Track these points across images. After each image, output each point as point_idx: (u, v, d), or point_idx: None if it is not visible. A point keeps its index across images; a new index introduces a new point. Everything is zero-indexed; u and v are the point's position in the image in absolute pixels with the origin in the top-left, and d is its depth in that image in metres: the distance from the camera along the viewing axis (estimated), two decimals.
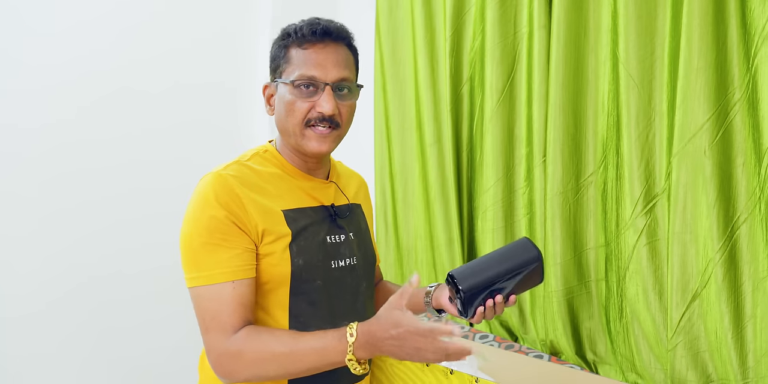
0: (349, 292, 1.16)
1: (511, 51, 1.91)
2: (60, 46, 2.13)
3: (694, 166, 1.48)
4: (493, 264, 1.09)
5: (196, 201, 1.06)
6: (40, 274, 2.11)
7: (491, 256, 1.11)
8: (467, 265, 1.10)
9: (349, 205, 1.23)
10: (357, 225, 1.23)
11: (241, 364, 1.00)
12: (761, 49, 1.38)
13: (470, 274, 1.08)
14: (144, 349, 2.34)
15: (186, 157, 2.42)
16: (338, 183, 1.24)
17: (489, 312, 1.09)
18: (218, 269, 1.02)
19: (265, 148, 1.18)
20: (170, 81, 2.39)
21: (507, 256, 1.10)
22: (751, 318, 1.41)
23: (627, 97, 1.60)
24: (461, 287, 1.06)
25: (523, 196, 1.89)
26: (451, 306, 1.15)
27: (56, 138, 2.13)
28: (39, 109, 2.10)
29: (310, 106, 1.09)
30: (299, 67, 1.09)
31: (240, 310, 1.02)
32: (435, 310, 1.22)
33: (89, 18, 2.19)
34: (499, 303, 1.08)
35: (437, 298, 1.20)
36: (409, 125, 2.21)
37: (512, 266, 1.08)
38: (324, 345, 0.96)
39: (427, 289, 1.23)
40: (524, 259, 1.09)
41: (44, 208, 2.11)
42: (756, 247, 1.41)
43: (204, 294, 1.03)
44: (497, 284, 1.07)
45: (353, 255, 1.17)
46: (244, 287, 1.03)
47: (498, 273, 1.08)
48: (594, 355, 1.74)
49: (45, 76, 2.10)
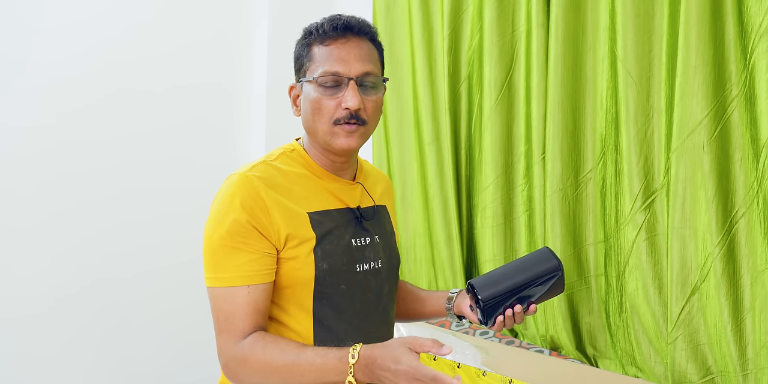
0: (372, 296, 1.15)
1: (510, 49, 1.93)
2: (55, 45, 2.11)
3: (693, 162, 1.50)
4: (513, 274, 1.10)
5: (221, 202, 1.06)
6: (43, 275, 2.10)
7: (511, 266, 1.12)
8: (487, 275, 1.11)
9: (375, 207, 1.22)
10: (382, 227, 1.22)
11: (245, 370, 1.01)
12: (758, 46, 1.41)
13: (490, 284, 1.09)
14: (148, 351, 2.33)
15: (183, 157, 2.42)
16: (365, 183, 1.23)
17: (509, 321, 1.10)
18: (235, 272, 1.03)
19: (293, 147, 1.17)
20: (167, 82, 2.38)
21: (527, 266, 1.11)
22: (749, 311, 1.43)
23: (625, 95, 1.63)
24: (480, 297, 1.07)
25: (522, 193, 1.91)
26: (472, 314, 1.16)
27: (53, 138, 2.11)
28: (35, 109, 2.08)
29: (336, 104, 1.07)
30: (322, 64, 1.08)
31: (252, 314, 1.03)
32: (456, 316, 1.22)
33: (85, 17, 2.18)
34: (519, 312, 1.09)
35: (459, 304, 1.20)
36: (408, 124, 2.22)
37: (531, 276, 1.09)
38: (325, 362, 0.95)
39: (449, 295, 1.23)
40: (544, 269, 1.10)
41: (43, 209, 2.09)
42: (754, 240, 1.43)
43: (220, 295, 1.04)
44: (517, 294, 1.09)
45: (378, 258, 1.17)
46: (259, 292, 1.03)
47: (517, 283, 1.09)
48: (594, 350, 1.76)
49: (42, 75, 2.09)
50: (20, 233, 2.06)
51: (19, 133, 2.05)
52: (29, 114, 2.07)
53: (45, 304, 2.10)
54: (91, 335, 2.20)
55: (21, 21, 2.05)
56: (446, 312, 1.23)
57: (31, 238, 2.08)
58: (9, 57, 2.03)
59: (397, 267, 1.25)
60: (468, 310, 1.17)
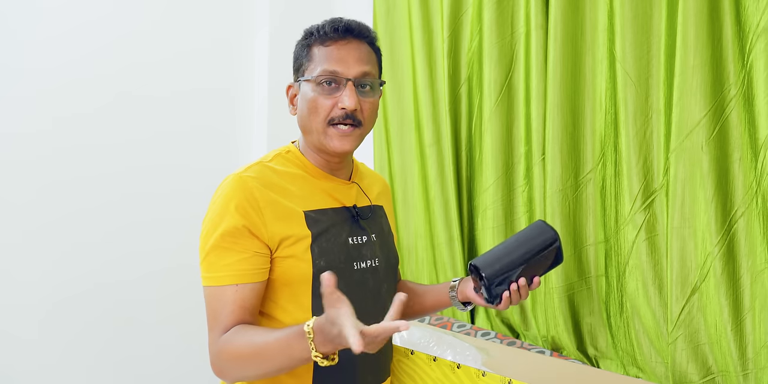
0: (370, 294, 1.16)
1: (509, 51, 1.93)
2: (57, 51, 2.13)
3: (692, 162, 1.50)
4: (512, 249, 1.12)
5: (216, 204, 1.07)
6: (44, 280, 2.11)
7: (509, 242, 1.13)
8: (487, 253, 1.13)
9: (372, 207, 1.23)
10: (379, 226, 1.23)
11: (224, 363, 1.02)
12: (756, 46, 1.41)
13: (492, 261, 1.10)
14: (150, 354, 2.33)
15: (185, 162, 2.43)
16: (361, 184, 1.24)
17: (515, 296, 1.11)
18: (224, 272, 1.04)
19: (288, 149, 1.18)
20: (169, 87, 2.39)
21: (524, 240, 1.12)
22: (749, 310, 1.43)
23: (624, 95, 1.63)
24: (484, 274, 1.08)
25: (523, 194, 1.91)
26: (477, 296, 1.17)
27: (54, 144, 2.13)
28: (36, 115, 2.09)
29: (332, 104, 1.08)
30: (321, 64, 1.09)
31: (238, 312, 1.04)
32: (462, 303, 1.23)
33: (86, 22, 2.19)
34: (523, 286, 1.10)
35: (462, 290, 1.21)
36: (408, 126, 2.23)
37: (531, 248, 1.11)
38: (289, 344, 0.93)
39: (452, 284, 1.24)
40: (542, 240, 1.12)
41: (43, 214, 2.10)
42: (753, 240, 1.43)
43: (210, 293, 1.06)
44: (519, 267, 1.10)
45: (375, 256, 1.18)
46: (246, 291, 1.04)
47: (518, 256, 1.10)
48: (595, 350, 1.76)
49: (42, 81, 2.10)
50: (22, 238, 2.07)
51: (21, 138, 2.06)
52: (31, 120, 2.08)
53: (45, 308, 2.10)
54: (93, 339, 2.21)
55: (22, 25, 2.06)
56: (450, 302, 1.23)
57: (33, 242, 2.09)
58: (9, 61, 2.04)
59: (396, 266, 1.26)
60: (473, 293, 1.17)
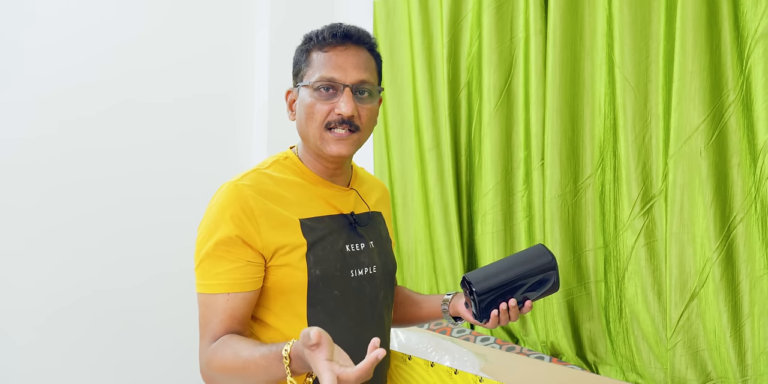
0: (367, 301, 1.15)
1: (508, 56, 1.93)
2: (58, 57, 2.13)
3: (691, 167, 1.50)
4: (508, 268, 1.11)
5: (212, 212, 1.07)
6: (45, 285, 2.11)
7: (506, 261, 1.13)
8: (482, 269, 1.12)
9: (370, 213, 1.22)
10: (377, 233, 1.22)
11: (213, 372, 1.03)
12: (754, 51, 1.41)
13: (484, 277, 1.10)
14: (149, 359, 2.33)
15: (185, 167, 2.43)
16: (360, 190, 1.23)
17: (503, 316, 1.10)
18: (216, 280, 1.04)
19: (286, 155, 1.18)
20: (170, 92, 2.40)
21: (522, 261, 1.12)
22: (748, 316, 1.43)
23: (623, 100, 1.63)
24: (475, 289, 1.08)
25: (522, 199, 1.91)
26: (467, 311, 1.16)
27: (57, 149, 2.13)
28: (37, 120, 2.09)
29: (329, 109, 1.08)
30: (319, 70, 1.09)
31: (228, 321, 1.04)
32: (452, 317, 1.23)
33: (87, 28, 2.19)
34: (513, 307, 1.09)
35: (454, 305, 1.21)
36: (408, 130, 2.23)
37: (526, 270, 1.10)
38: (269, 364, 0.94)
39: (445, 297, 1.24)
40: (539, 264, 1.11)
41: (44, 219, 2.10)
42: (752, 245, 1.43)
43: (202, 301, 1.06)
44: (511, 287, 1.09)
45: (373, 263, 1.17)
46: (238, 300, 1.04)
47: (511, 276, 1.10)
48: (594, 356, 1.76)
49: (44, 86, 2.10)
50: (23, 243, 2.07)
51: (21, 144, 2.06)
52: (33, 125, 2.08)
53: (45, 314, 2.10)
54: (93, 345, 2.21)
55: (23, 32, 2.07)
56: (442, 315, 1.23)
57: (36, 247, 2.09)
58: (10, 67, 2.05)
59: (393, 273, 1.25)
60: (463, 308, 1.17)
